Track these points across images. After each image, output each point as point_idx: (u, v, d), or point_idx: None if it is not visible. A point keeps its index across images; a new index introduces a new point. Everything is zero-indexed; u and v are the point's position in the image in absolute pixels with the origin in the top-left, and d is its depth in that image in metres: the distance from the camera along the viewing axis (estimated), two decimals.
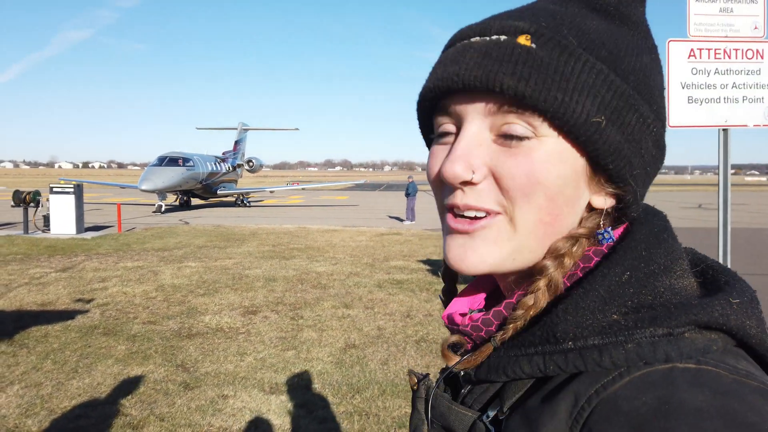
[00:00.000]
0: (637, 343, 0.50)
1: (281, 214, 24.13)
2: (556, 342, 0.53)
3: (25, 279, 9.09)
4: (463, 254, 0.58)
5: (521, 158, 0.54)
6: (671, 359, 0.48)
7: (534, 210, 0.55)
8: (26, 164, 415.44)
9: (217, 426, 4.04)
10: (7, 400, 4.42)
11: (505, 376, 0.57)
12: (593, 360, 0.51)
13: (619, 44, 0.57)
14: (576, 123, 0.53)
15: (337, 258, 11.50)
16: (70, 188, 15.21)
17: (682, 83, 4.33)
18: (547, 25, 0.55)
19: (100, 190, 41.54)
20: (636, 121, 0.56)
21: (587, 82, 0.53)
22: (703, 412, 0.43)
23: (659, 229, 0.59)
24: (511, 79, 0.52)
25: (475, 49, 0.55)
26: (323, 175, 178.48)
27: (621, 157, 0.56)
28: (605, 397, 0.48)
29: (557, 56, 0.53)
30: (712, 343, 0.50)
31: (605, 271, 0.54)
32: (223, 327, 6.49)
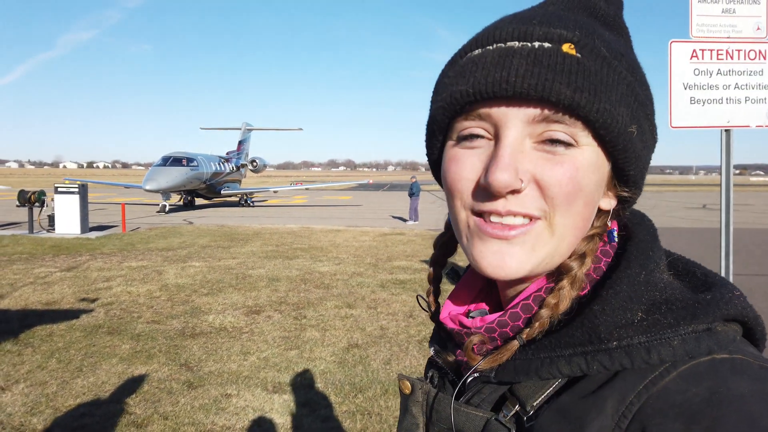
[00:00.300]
0: (682, 339, 0.53)
1: (285, 214, 24.17)
2: (599, 342, 0.55)
3: (30, 278, 9.14)
4: (501, 260, 0.57)
5: (567, 166, 0.56)
6: (712, 351, 0.52)
7: (572, 215, 0.57)
8: (31, 164, 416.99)
9: (221, 425, 4.07)
10: (12, 398, 4.46)
11: (538, 378, 0.58)
12: (641, 357, 0.53)
13: (629, 55, 0.60)
14: (618, 133, 0.55)
15: (340, 258, 11.52)
16: (75, 188, 15.27)
17: (684, 84, 4.33)
18: (582, 34, 0.56)
19: (105, 190, 41.68)
20: (649, 129, 0.60)
21: (623, 92, 0.56)
22: (746, 397, 0.48)
23: (653, 230, 0.64)
24: (568, 89, 0.53)
25: (521, 56, 0.55)
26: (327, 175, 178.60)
27: (641, 163, 0.59)
28: (655, 391, 0.51)
29: (600, 66, 0.55)
30: (736, 334, 0.55)
31: (627, 272, 0.57)
32: (226, 326, 6.51)
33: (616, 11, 0.64)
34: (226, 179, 28.97)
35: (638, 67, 0.60)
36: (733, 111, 4.37)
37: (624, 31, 0.64)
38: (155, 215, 22.08)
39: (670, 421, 0.48)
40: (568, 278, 0.58)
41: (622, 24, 0.64)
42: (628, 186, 0.61)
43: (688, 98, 4.36)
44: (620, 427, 0.51)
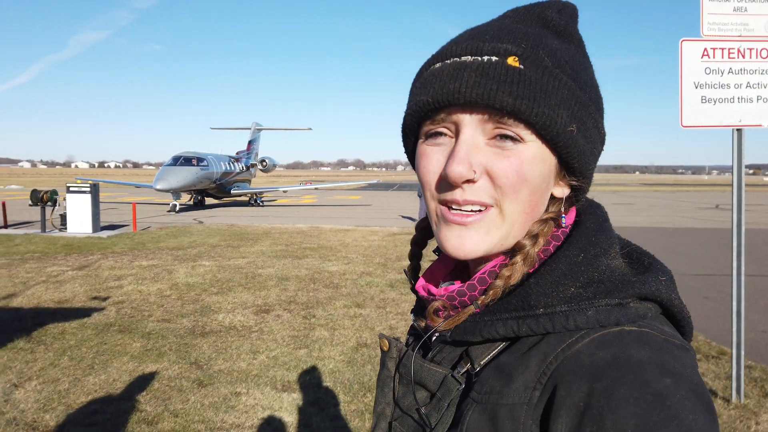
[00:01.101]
0: (596, 310, 0.62)
1: (294, 213, 24.24)
2: (529, 308, 0.65)
3: (42, 277, 9.24)
4: (461, 243, 0.68)
5: (513, 159, 0.65)
6: (620, 323, 0.61)
7: (520, 202, 0.67)
8: (43, 164, 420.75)
9: (230, 422, 4.09)
10: (25, 395, 4.51)
11: (480, 337, 0.67)
12: (560, 323, 0.62)
13: (575, 62, 0.69)
14: (557, 132, 0.65)
15: (349, 257, 11.54)
16: (87, 188, 15.40)
17: (695, 83, 4.30)
18: (527, 47, 0.65)
19: (116, 190, 41.99)
20: (592, 127, 0.69)
21: (563, 97, 0.65)
22: (644, 363, 0.56)
23: (602, 219, 0.73)
24: (510, 97, 0.62)
25: (471, 69, 0.64)
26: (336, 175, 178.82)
27: (584, 156, 0.69)
28: (570, 353, 0.60)
29: (541, 75, 0.64)
30: (648, 311, 0.64)
31: (566, 253, 0.67)
32: (236, 325, 6.55)
33: (567, 21, 0.71)
34: (235, 179, 29.08)
35: (583, 70, 0.69)
36: (745, 110, 4.33)
37: (574, 39, 0.72)
38: (166, 214, 22.22)
39: (577, 379, 0.57)
40: (522, 254, 0.68)
41: (573, 32, 0.72)
42: (576, 176, 0.70)
43: (699, 97, 4.33)
44: (540, 382, 0.60)
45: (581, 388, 0.56)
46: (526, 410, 0.61)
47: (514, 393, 0.62)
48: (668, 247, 13.67)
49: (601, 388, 0.55)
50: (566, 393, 0.57)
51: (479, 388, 0.66)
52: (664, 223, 20.08)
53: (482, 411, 0.64)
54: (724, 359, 5.40)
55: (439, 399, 0.70)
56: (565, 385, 0.58)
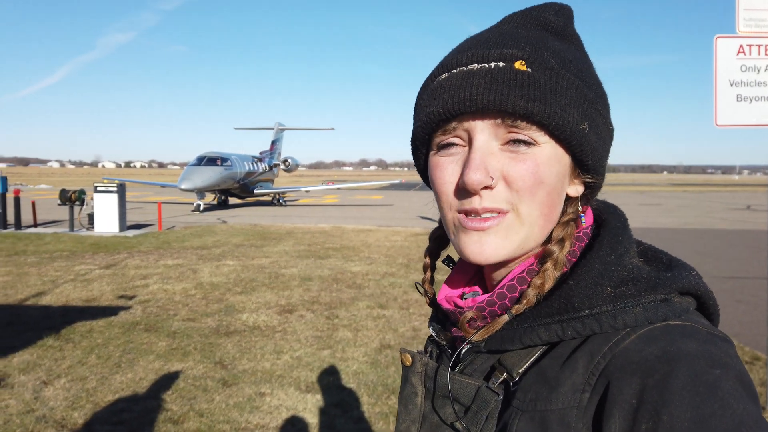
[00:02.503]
0: (643, 307, 0.62)
1: (316, 213, 24.33)
2: (573, 311, 0.65)
3: (71, 275, 9.40)
4: (480, 249, 0.68)
5: (528, 163, 0.66)
6: (668, 318, 0.62)
7: (537, 204, 0.67)
8: (72, 164, 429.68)
9: (255, 423, 4.09)
10: (54, 392, 4.58)
11: (521, 344, 0.67)
12: (608, 323, 0.63)
13: (579, 61, 0.70)
14: (570, 131, 0.65)
15: (372, 258, 11.52)
16: (114, 187, 15.65)
17: (730, 81, 4.17)
18: (532, 50, 0.66)
19: (142, 189, 42.66)
20: (602, 123, 0.70)
21: (573, 96, 0.66)
22: (693, 356, 0.56)
23: (624, 219, 0.74)
24: (521, 100, 0.63)
25: (480, 76, 0.65)
26: (358, 175, 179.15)
27: (597, 153, 0.69)
28: (618, 351, 0.60)
29: (548, 77, 0.65)
30: (690, 305, 0.65)
31: (599, 253, 0.68)
32: (260, 325, 6.57)
33: (565, 22, 0.73)
34: (259, 179, 29.30)
35: (587, 68, 0.70)
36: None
37: (574, 39, 0.73)
38: (190, 214, 22.49)
39: (629, 375, 0.57)
40: (551, 261, 0.68)
41: (572, 32, 0.73)
42: (590, 173, 0.71)
43: (735, 95, 4.20)
44: (590, 383, 0.60)
45: (633, 384, 0.56)
46: (576, 413, 0.60)
47: (563, 397, 0.61)
48: (698, 249, 13.37)
49: (653, 383, 0.55)
50: (618, 391, 0.57)
51: (522, 396, 0.65)
52: (694, 224, 19.66)
53: (530, 419, 0.63)
54: (758, 365, 5.24)
55: (476, 412, 0.69)
56: (615, 383, 0.58)
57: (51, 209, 21.33)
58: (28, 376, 4.91)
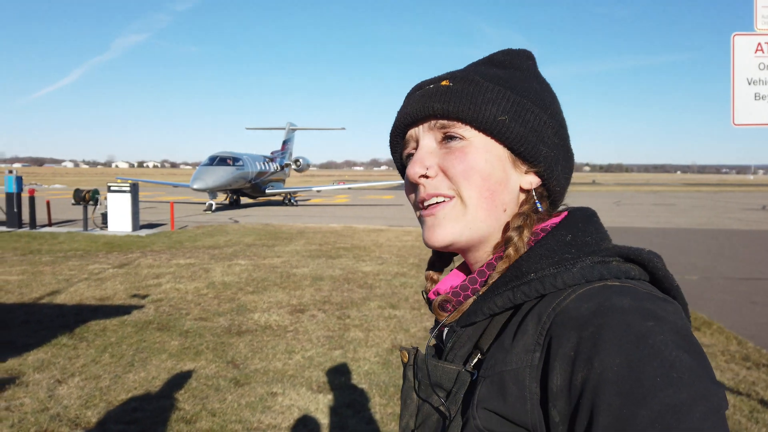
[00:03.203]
0: (581, 267, 0.69)
1: (328, 213, 24.36)
2: (522, 276, 0.72)
3: (84, 274, 9.48)
4: (432, 232, 0.79)
5: (458, 153, 0.78)
6: (604, 278, 0.67)
7: (475, 188, 0.77)
8: (85, 164, 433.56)
9: (267, 423, 4.09)
10: (68, 391, 4.61)
11: (482, 314, 0.74)
12: (550, 283, 0.69)
13: (513, 79, 0.81)
14: (486, 122, 0.77)
15: (383, 258, 11.51)
16: (127, 187, 15.77)
17: (748, 79, 4.11)
18: (460, 75, 0.81)
19: (154, 189, 42.95)
20: (534, 119, 0.79)
21: (490, 97, 0.77)
22: (626, 309, 0.61)
23: (590, 213, 0.80)
24: (439, 103, 0.78)
25: (416, 96, 0.82)
26: (369, 175, 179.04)
27: (527, 142, 0.78)
28: (560, 310, 0.65)
29: (467, 87, 0.79)
30: (631, 270, 0.69)
31: (554, 233, 0.75)
32: (271, 325, 6.58)
33: (511, 59, 0.85)
34: (270, 178, 29.39)
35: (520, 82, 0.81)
36: None
37: (519, 68, 0.84)
38: (202, 214, 22.61)
39: (567, 330, 0.62)
40: (512, 246, 0.75)
41: (517, 65, 0.84)
42: (529, 161, 0.79)
43: (753, 94, 4.14)
44: (539, 342, 0.65)
45: (570, 338, 0.61)
46: (529, 372, 0.65)
47: (516, 358, 0.67)
48: (713, 250, 13.21)
49: (587, 335, 0.60)
50: (558, 345, 0.62)
51: (485, 365, 0.70)
52: (708, 225, 19.44)
53: (490, 383, 0.68)
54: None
55: (455, 393, 0.74)
56: (556, 339, 0.63)
57: (65, 209, 21.54)
58: (42, 374, 4.95)
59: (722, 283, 9.31)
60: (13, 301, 7.53)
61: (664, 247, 12.96)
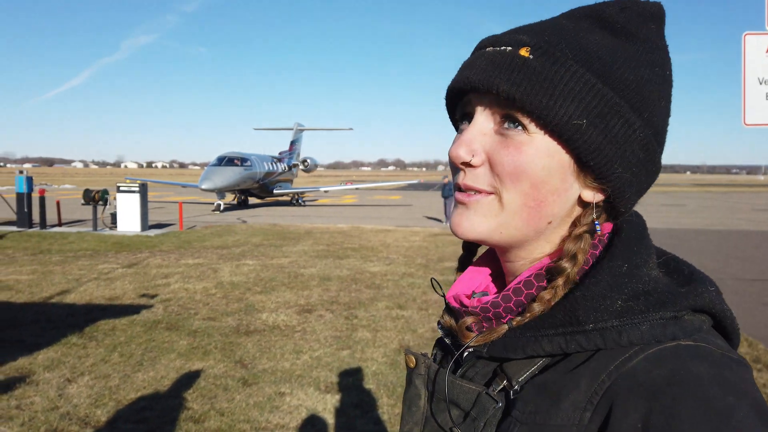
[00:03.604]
0: (650, 325, 0.59)
1: (335, 213, 24.38)
2: (578, 324, 0.62)
3: (94, 274, 9.54)
4: (459, 221, 0.69)
5: (512, 149, 0.64)
6: (677, 337, 0.58)
7: (520, 194, 0.65)
8: (95, 164, 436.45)
9: (275, 423, 4.10)
10: (78, 390, 4.64)
11: (524, 354, 0.65)
12: (612, 339, 0.60)
13: (617, 57, 0.64)
14: (558, 123, 0.62)
15: (390, 258, 11.51)
16: (136, 187, 15.85)
17: (759, 79, 4.08)
18: (548, 40, 0.64)
19: (163, 189, 43.17)
20: (620, 126, 0.64)
21: (573, 89, 0.62)
22: (704, 379, 0.53)
23: (642, 228, 0.69)
24: (506, 83, 0.63)
25: (485, 57, 0.66)
26: (376, 175, 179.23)
27: (602, 155, 0.64)
28: (624, 371, 0.57)
29: (549, 66, 0.62)
30: (703, 324, 0.61)
31: (610, 264, 0.64)
32: (279, 325, 6.60)
33: (628, 18, 0.66)
34: (278, 179, 29.47)
35: (626, 68, 0.64)
36: None
37: (636, 37, 0.66)
38: (211, 214, 22.70)
39: (635, 397, 0.54)
40: (563, 277, 0.65)
41: (633, 30, 0.66)
42: (596, 176, 0.66)
43: (764, 94, 4.11)
44: (592, 402, 0.57)
45: (639, 408, 0.54)
46: None
47: (563, 413, 0.59)
48: (724, 251, 13.11)
49: (661, 407, 0.53)
50: (623, 414, 0.55)
51: (522, 407, 0.63)
52: (718, 226, 19.30)
53: None
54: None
55: (474, 418, 0.67)
56: (621, 405, 0.55)
57: (75, 209, 21.69)
58: (52, 373, 4.99)
59: (733, 284, 9.24)
60: (24, 301, 7.59)
61: (673, 248, 12.84)
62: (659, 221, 20.52)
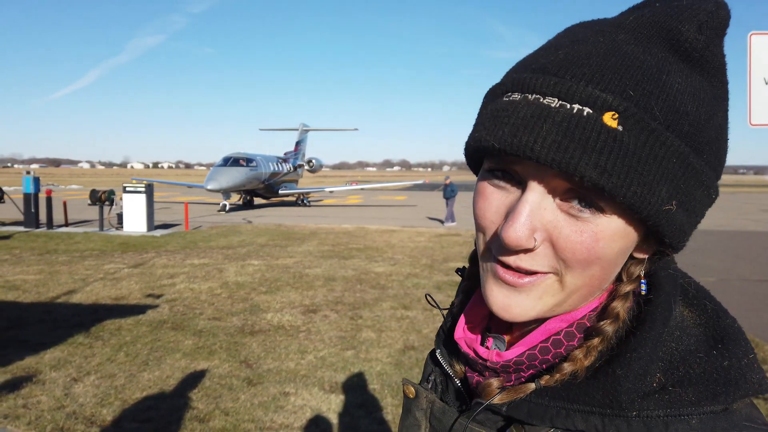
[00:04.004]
0: (701, 420, 0.53)
1: (340, 213, 24.41)
2: (620, 408, 0.55)
3: (100, 274, 9.59)
4: (508, 305, 0.58)
5: (587, 235, 0.54)
6: (726, 430, 0.53)
7: (586, 277, 0.56)
8: (101, 164, 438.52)
9: (279, 423, 4.11)
10: (84, 389, 4.67)
11: (551, 425, 0.58)
12: (658, 430, 0.53)
13: (700, 110, 0.53)
14: (649, 213, 0.52)
15: (395, 258, 11.51)
16: (142, 188, 15.91)
17: (765, 79, 4.06)
18: (635, 97, 0.51)
19: (169, 190, 43.33)
20: (701, 196, 0.56)
21: (668, 169, 0.52)
22: None
23: (677, 277, 0.61)
24: (594, 171, 0.50)
25: (554, 121, 0.51)
26: (382, 175, 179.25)
27: (681, 233, 0.56)
28: None
29: (643, 144, 0.51)
30: (752, 411, 0.56)
31: (652, 333, 0.56)
32: (284, 325, 6.61)
33: (708, 42, 0.54)
34: (283, 179, 29.54)
35: (708, 119, 0.54)
36: None
37: (712, 67, 0.55)
38: (216, 214, 22.76)
39: None
40: (600, 338, 0.58)
41: (712, 59, 0.55)
42: (665, 248, 0.58)
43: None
44: None
45: None
46: None
47: None
48: (731, 251, 13.05)
49: None
50: None
51: None
52: (726, 226, 19.20)
53: None
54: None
55: None
56: None
57: (81, 209, 21.79)
58: (58, 372, 5.02)
59: (740, 285, 9.19)
60: (31, 300, 7.64)
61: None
62: None
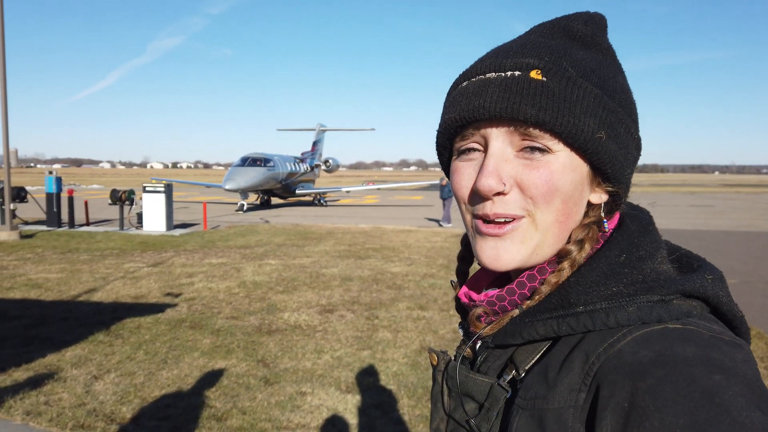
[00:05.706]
0: (637, 307, 0.62)
1: (357, 213, 24.43)
2: (569, 306, 0.65)
3: (120, 273, 9.71)
4: (496, 255, 0.69)
5: (542, 170, 0.66)
6: (663, 320, 0.61)
7: (552, 212, 0.67)
8: (122, 164, 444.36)
9: (296, 422, 4.13)
10: (104, 387, 4.73)
11: (521, 338, 0.68)
12: (601, 321, 0.63)
13: (603, 70, 0.69)
14: (584, 139, 0.65)
15: (412, 258, 11.49)
16: (161, 188, 16.09)
17: None
18: (550, 60, 0.66)
19: (188, 189, 43.75)
20: (624, 132, 0.69)
21: (589, 105, 0.65)
22: (690, 360, 0.54)
23: (646, 222, 0.72)
24: (533, 109, 0.64)
25: (495, 84, 0.66)
26: (398, 175, 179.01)
27: (617, 162, 0.68)
28: (612, 352, 0.59)
29: (564, 86, 0.65)
30: (693, 309, 0.63)
31: (607, 253, 0.67)
32: (301, 324, 6.63)
33: (594, 30, 0.71)
34: (300, 179, 29.64)
35: (611, 77, 0.69)
36: None
37: (602, 47, 0.72)
38: (234, 214, 22.93)
39: (621, 378, 0.56)
40: (568, 260, 0.68)
41: (600, 41, 0.72)
42: (611, 182, 0.70)
43: None
44: (585, 383, 0.60)
45: (625, 387, 0.55)
46: (572, 413, 0.60)
47: (560, 396, 0.61)
48: (753, 253, 12.81)
49: (646, 387, 0.54)
50: (609, 393, 0.56)
51: (524, 394, 0.65)
52: (748, 227, 18.86)
53: (529, 417, 0.64)
54: None
55: (488, 409, 0.70)
56: (607, 385, 0.57)
57: (102, 208, 22.10)
58: (79, 370, 5.09)
59: (763, 287, 9.02)
60: (53, 299, 7.76)
61: (701, 249, 12.58)
62: (687, 222, 20.13)
